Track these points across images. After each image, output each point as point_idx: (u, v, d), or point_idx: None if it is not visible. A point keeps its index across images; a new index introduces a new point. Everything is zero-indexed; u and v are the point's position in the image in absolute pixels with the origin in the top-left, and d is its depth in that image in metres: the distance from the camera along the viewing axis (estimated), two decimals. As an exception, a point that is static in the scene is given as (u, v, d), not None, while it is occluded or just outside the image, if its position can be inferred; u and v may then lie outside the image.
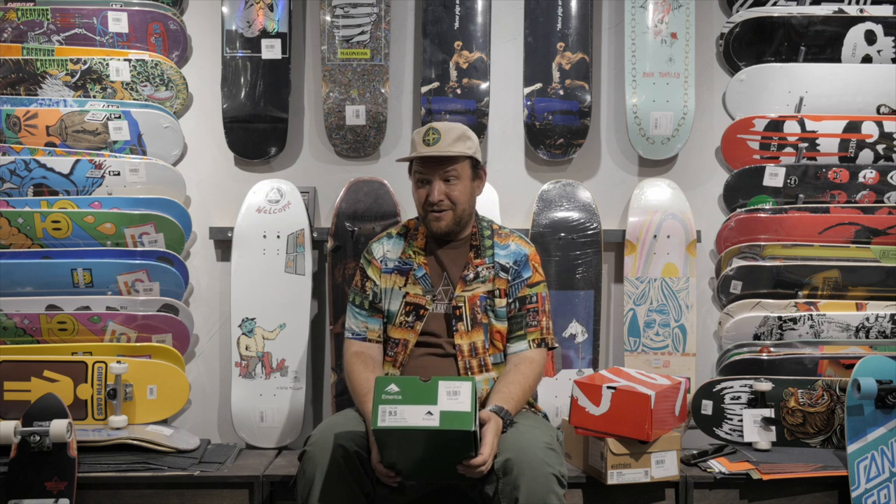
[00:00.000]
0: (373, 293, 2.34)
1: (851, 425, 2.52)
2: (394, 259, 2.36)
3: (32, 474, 2.35)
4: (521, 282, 2.31)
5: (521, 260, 2.33)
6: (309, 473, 2.05)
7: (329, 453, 2.04)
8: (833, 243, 2.92)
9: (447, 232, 2.29)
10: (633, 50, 2.98)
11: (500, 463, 2.00)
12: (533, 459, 1.98)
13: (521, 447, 2.01)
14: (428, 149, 2.23)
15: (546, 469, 1.98)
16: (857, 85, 2.99)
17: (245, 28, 2.93)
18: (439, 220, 2.27)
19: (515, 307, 2.30)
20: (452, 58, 2.96)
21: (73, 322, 2.77)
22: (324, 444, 2.06)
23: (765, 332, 2.89)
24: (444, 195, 2.25)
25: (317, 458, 2.05)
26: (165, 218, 2.81)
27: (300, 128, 3.03)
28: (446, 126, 2.27)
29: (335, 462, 2.03)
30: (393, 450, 1.98)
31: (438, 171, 2.25)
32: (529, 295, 2.31)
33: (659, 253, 2.93)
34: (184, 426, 2.90)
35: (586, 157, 3.06)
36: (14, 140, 2.85)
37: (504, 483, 1.98)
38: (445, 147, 2.23)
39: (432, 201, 2.25)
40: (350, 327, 2.36)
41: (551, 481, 1.97)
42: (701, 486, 2.50)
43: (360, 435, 2.10)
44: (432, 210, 2.27)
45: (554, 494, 1.97)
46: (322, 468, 2.03)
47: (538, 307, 2.31)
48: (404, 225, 2.45)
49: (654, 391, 2.34)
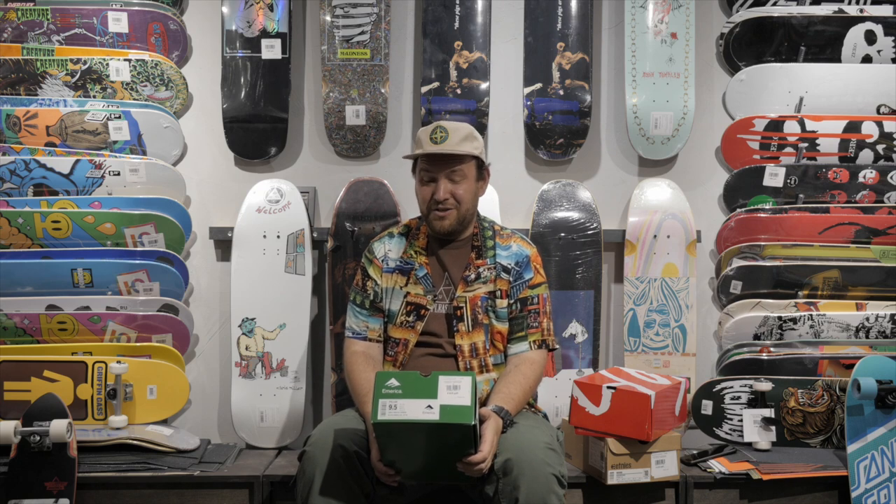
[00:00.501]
0: (374, 292, 2.34)
1: (851, 425, 2.52)
2: (395, 259, 2.36)
3: (32, 474, 2.35)
4: (522, 283, 2.31)
5: (523, 261, 2.33)
6: (308, 473, 2.05)
7: (329, 453, 2.04)
8: (833, 243, 2.92)
9: (450, 231, 2.29)
10: (633, 50, 2.98)
11: (500, 463, 2.00)
12: (533, 459, 1.98)
13: (521, 447, 2.01)
14: (435, 146, 2.23)
15: (546, 469, 1.98)
16: (857, 85, 2.99)
17: (245, 28, 2.93)
18: (443, 218, 2.27)
19: (517, 308, 2.30)
20: (452, 58, 2.96)
21: (73, 322, 2.77)
22: (323, 443, 2.06)
23: (765, 332, 2.89)
24: (450, 194, 2.25)
25: (316, 457, 2.05)
26: (165, 218, 2.81)
27: (300, 128, 3.03)
28: (454, 125, 2.26)
29: (335, 462, 2.03)
30: (393, 446, 1.98)
31: (445, 169, 2.25)
32: (531, 296, 2.31)
33: (659, 253, 2.93)
34: (184, 426, 2.90)
35: (586, 157, 3.06)
36: (14, 140, 2.85)
37: (504, 483, 1.98)
38: (452, 146, 2.23)
39: (438, 199, 2.25)
40: (350, 326, 2.36)
41: (551, 481, 1.97)
42: (701, 486, 2.50)
43: (360, 435, 2.10)
44: (436, 208, 2.26)
45: (554, 495, 1.97)
46: (322, 468, 2.03)
47: (539, 308, 2.31)
48: (406, 224, 2.45)
49: (654, 391, 2.34)
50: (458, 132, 2.24)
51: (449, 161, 2.24)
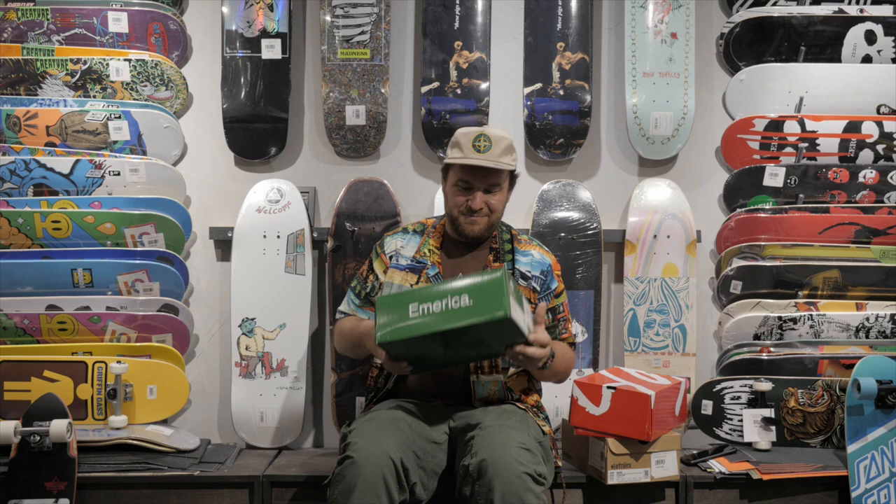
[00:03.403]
0: (372, 286, 2.37)
1: (851, 425, 2.53)
2: (408, 256, 2.36)
3: (32, 474, 2.35)
4: (549, 293, 2.35)
5: (547, 270, 2.36)
6: (350, 480, 1.98)
7: (375, 464, 1.98)
8: (833, 243, 2.92)
9: (478, 237, 2.31)
10: (633, 50, 2.98)
11: (475, 465, 1.99)
12: (506, 459, 1.98)
13: (495, 447, 2.00)
14: (479, 155, 2.22)
15: (519, 468, 1.97)
16: (857, 85, 2.99)
17: (245, 28, 2.93)
18: (475, 224, 2.28)
19: (549, 319, 2.31)
20: (452, 58, 2.96)
21: (73, 322, 2.77)
22: (368, 452, 2.00)
23: (765, 332, 2.89)
24: (484, 203, 2.26)
25: (360, 465, 1.98)
26: (165, 218, 2.81)
27: (300, 128, 3.04)
28: (497, 135, 2.25)
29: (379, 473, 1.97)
30: (412, 352, 2.02)
31: (485, 182, 2.25)
32: (558, 305, 2.36)
33: (659, 253, 2.93)
34: (184, 426, 2.90)
35: (586, 157, 3.06)
36: (14, 140, 2.85)
37: (480, 485, 1.97)
38: (495, 157, 2.22)
39: (474, 209, 2.26)
40: (342, 308, 2.42)
41: (525, 480, 1.96)
42: (701, 486, 2.50)
43: (405, 444, 2.07)
44: (469, 214, 2.28)
45: (530, 493, 1.95)
46: (366, 477, 1.96)
47: (566, 315, 2.39)
48: (422, 223, 2.45)
49: (654, 391, 2.34)
50: (500, 143, 2.23)
51: (490, 174, 2.25)
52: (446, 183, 2.33)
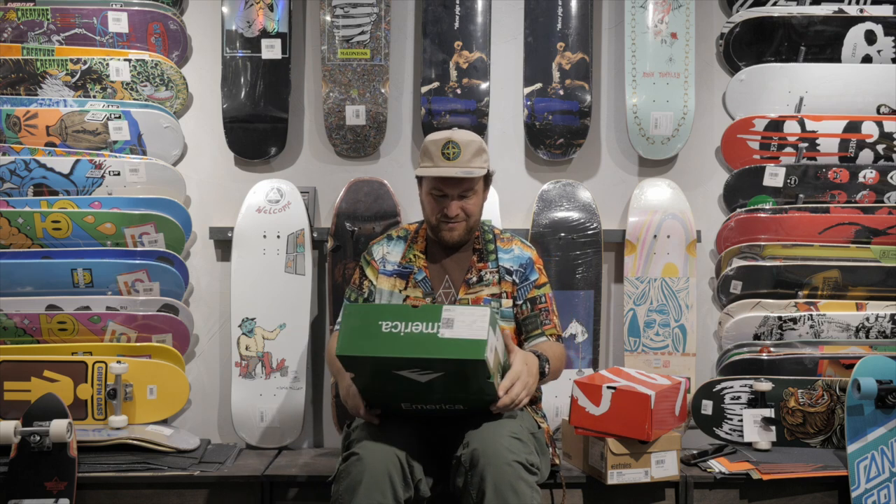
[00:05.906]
0: (369, 291, 2.37)
1: (851, 425, 2.53)
2: (394, 262, 2.37)
3: (32, 474, 2.35)
4: (528, 284, 2.35)
5: (526, 263, 2.36)
6: (356, 476, 1.98)
7: (381, 461, 1.98)
8: (833, 243, 2.92)
9: (458, 241, 2.32)
10: (633, 50, 2.98)
11: (467, 455, 1.99)
12: (497, 448, 1.97)
13: (486, 437, 2.00)
14: (449, 164, 2.22)
15: (510, 457, 1.96)
16: (857, 85, 2.99)
17: (245, 28, 2.93)
18: (453, 230, 2.29)
19: (527, 308, 2.33)
20: (452, 58, 2.96)
21: (73, 322, 2.77)
22: (374, 449, 2.00)
23: (765, 332, 2.89)
24: (460, 209, 2.27)
25: (366, 461, 1.98)
26: (165, 218, 2.81)
27: (300, 128, 3.03)
28: (464, 138, 2.25)
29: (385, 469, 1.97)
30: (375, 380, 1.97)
31: (458, 187, 2.26)
32: (538, 295, 2.35)
33: (659, 253, 2.93)
34: (184, 426, 2.90)
35: (586, 157, 3.06)
36: (14, 140, 2.85)
37: (472, 475, 1.97)
38: (465, 163, 2.23)
39: (450, 216, 2.26)
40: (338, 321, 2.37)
41: (517, 468, 1.96)
42: (701, 486, 2.50)
43: (410, 441, 2.06)
44: (447, 221, 2.28)
45: (523, 481, 1.95)
46: (372, 473, 1.97)
47: (548, 307, 2.36)
48: (405, 228, 2.46)
49: (654, 391, 2.34)
50: (469, 147, 2.24)
51: (462, 181, 2.25)
52: (421, 190, 2.34)
